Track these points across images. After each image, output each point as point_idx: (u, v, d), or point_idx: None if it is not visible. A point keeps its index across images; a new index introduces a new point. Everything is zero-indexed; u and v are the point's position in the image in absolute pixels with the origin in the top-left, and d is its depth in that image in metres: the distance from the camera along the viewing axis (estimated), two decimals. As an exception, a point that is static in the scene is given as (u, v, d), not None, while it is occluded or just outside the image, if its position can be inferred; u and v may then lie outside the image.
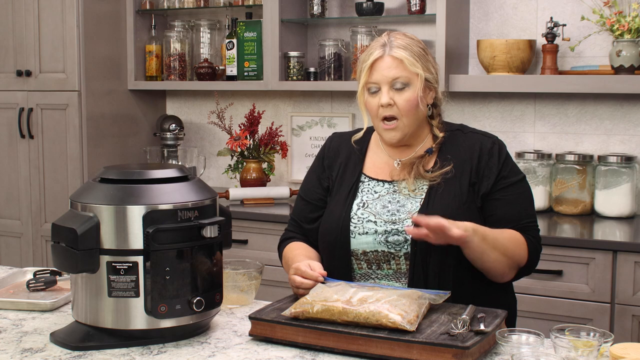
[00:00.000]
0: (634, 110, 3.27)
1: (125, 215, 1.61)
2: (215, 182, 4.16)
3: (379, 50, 1.96)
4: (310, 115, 3.92)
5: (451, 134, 2.05)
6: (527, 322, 2.72)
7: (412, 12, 3.47)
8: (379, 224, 1.96)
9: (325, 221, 2.05)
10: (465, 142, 2.02)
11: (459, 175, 1.97)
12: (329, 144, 2.18)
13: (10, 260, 4.00)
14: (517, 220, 1.97)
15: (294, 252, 2.05)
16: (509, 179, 1.99)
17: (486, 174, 1.98)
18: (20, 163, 3.95)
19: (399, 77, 1.94)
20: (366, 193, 2.03)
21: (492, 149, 2.00)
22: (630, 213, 3.16)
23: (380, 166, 2.07)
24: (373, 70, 1.96)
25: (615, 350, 1.48)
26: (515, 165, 2.03)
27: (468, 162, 1.99)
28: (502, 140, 2.06)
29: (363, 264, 1.98)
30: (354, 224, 1.99)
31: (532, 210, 2.02)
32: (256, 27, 3.74)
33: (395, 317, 1.57)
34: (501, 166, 1.99)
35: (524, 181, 2.03)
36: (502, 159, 2.00)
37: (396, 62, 1.94)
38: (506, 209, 1.97)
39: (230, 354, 1.61)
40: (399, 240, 1.94)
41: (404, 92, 1.95)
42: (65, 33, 3.76)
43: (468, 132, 2.06)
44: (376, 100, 1.97)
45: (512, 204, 1.97)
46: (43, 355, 1.61)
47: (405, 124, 1.97)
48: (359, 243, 1.97)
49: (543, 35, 3.27)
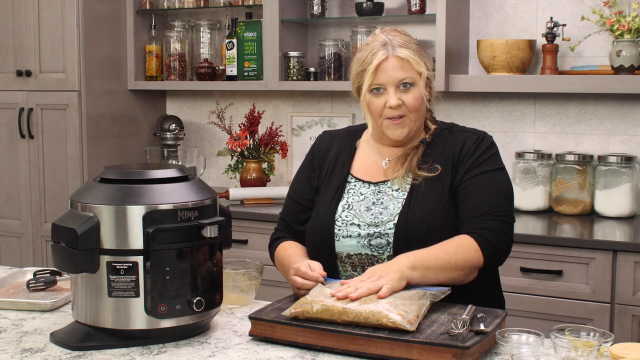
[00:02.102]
0: (634, 110, 3.27)
1: (125, 215, 1.61)
2: (215, 182, 4.16)
3: (382, 52, 1.93)
4: (310, 115, 3.92)
5: (440, 132, 2.03)
6: (527, 322, 2.72)
7: (412, 12, 3.47)
8: (362, 227, 1.95)
9: (311, 223, 2.05)
10: (450, 140, 2.00)
11: (442, 174, 1.95)
12: (319, 142, 2.15)
13: (10, 260, 4.00)
14: (481, 210, 1.89)
15: (288, 251, 2.03)
16: (481, 167, 1.94)
17: (461, 167, 1.94)
18: (20, 163, 3.95)
19: (405, 78, 1.93)
20: (352, 194, 2.02)
21: (474, 143, 1.97)
22: (630, 213, 3.16)
23: (369, 166, 2.06)
24: (379, 72, 1.93)
25: (615, 350, 1.48)
26: (495, 156, 1.97)
27: (450, 160, 1.96)
28: (490, 135, 2.02)
29: (348, 266, 1.97)
30: (338, 227, 1.98)
31: (501, 200, 1.92)
32: (256, 27, 3.74)
33: (396, 317, 1.57)
34: (478, 156, 1.95)
35: (500, 172, 1.96)
36: (481, 150, 1.96)
37: (402, 62, 1.93)
38: (471, 199, 1.91)
39: (230, 354, 1.61)
40: (382, 243, 1.93)
41: (410, 91, 1.94)
42: (65, 33, 3.76)
43: (455, 130, 2.03)
44: (381, 101, 1.95)
45: (479, 192, 1.91)
46: (43, 355, 1.61)
47: (412, 119, 1.96)
48: (343, 246, 1.97)
49: (543, 35, 3.27)
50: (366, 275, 1.75)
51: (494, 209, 1.90)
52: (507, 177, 1.98)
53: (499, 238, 1.88)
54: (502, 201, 1.93)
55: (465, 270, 1.85)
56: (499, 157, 2.00)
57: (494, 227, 1.88)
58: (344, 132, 2.17)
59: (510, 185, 1.98)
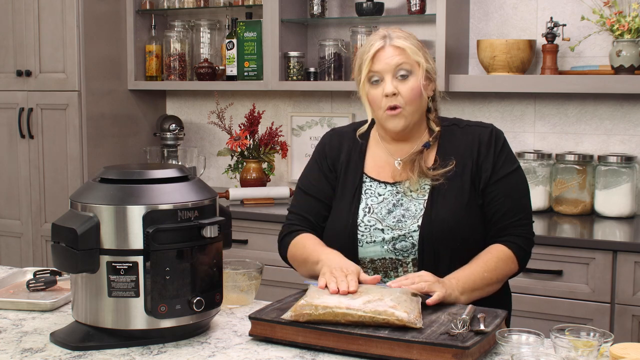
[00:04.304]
0: (634, 110, 3.27)
1: (125, 215, 1.61)
2: (215, 182, 4.16)
3: (380, 42, 1.96)
4: (310, 115, 3.92)
5: (447, 129, 2.04)
6: (527, 322, 2.72)
7: (412, 12, 3.47)
8: (386, 231, 1.95)
9: (331, 227, 2.03)
10: (464, 136, 2.01)
11: (461, 172, 1.97)
12: (328, 141, 2.13)
13: (10, 260, 4.00)
14: (512, 216, 1.96)
15: (314, 245, 1.97)
16: (503, 169, 1.98)
17: (484, 167, 1.97)
18: (20, 163, 3.95)
19: (402, 63, 1.94)
20: (370, 196, 2.02)
21: (489, 139, 2.00)
22: (630, 213, 3.16)
23: (382, 165, 2.05)
24: (375, 60, 1.95)
25: (615, 350, 1.48)
26: (510, 153, 2.02)
27: (469, 158, 1.98)
28: (499, 129, 2.05)
29: (370, 272, 1.97)
30: (361, 232, 1.97)
31: (526, 202, 2.01)
32: (256, 27, 3.74)
33: (402, 314, 1.57)
34: (497, 157, 1.99)
35: (519, 170, 2.02)
36: (498, 149, 1.99)
37: (398, 50, 1.95)
38: (501, 205, 1.96)
39: (230, 354, 1.61)
40: (407, 246, 1.94)
41: (407, 81, 1.95)
42: (65, 33, 3.76)
43: (464, 125, 2.05)
44: (379, 91, 1.96)
45: (506, 197, 1.97)
46: (43, 355, 1.61)
47: (409, 112, 1.96)
48: (366, 252, 1.96)
49: (543, 35, 3.27)
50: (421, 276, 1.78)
51: (522, 214, 1.99)
52: (523, 174, 2.05)
53: (529, 242, 2.01)
54: (526, 203, 2.02)
55: (502, 282, 1.96)
56: (512, 151, 2.05)
57: (524, 232, 1.99)
58: (351, 130, 2.14)
59: (527, 181, 2.06)
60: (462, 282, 1.83)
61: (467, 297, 1.83)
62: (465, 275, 1.86)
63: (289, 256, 2.06)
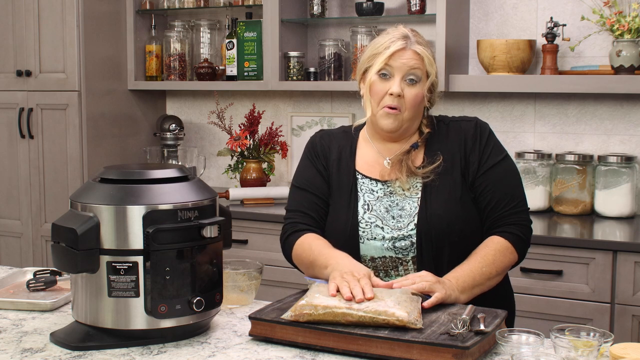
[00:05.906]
0: (634, 110, 3.27)
1: (125, 215, 1.61)
2: (215, 182, 4.16)
3: (401, 42, 1.96)
4: (310, 115, 3.92)
5: (436, 125, 2.06)
6: (527, 322, 2.72)
7: (412, 12, 3.47)
8: (385, 230, 1.96)
9: (331, 225, 2.03)
10: (450, 132, 2.03)
11: (451, 168, 1.98)
12: (319, 141, 2.12)
13: (10, 260, 4.00)
14: (505, 206, 1.96)
15: (321, 247, 1.94)
16: (490, 160, 1.99)
17: (471, 160, 1.99)
18: (20, 163, 3.95)
19: (416, 68, 1.96)
20: (365, 192, 2.03)
21: (475, 133, 2.02)
22: (630, 213, 3.16)
23: (372, 164, 2.06)
24: (393, 57, 1.96)
25: (615, 350, 1.48)
26: (496, 144, 2.03)
27: (457, 153, 2.00)
28: (484, 121, 2.07)
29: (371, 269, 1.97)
30: (362, 229, 1.98)
31: (517, 190, 2.01)
32: (256, 27, 3.74)
33: (403, 314, 1.57)
34: (483, 149, 2.00)
35: (506, 160, 2.02)
36: (484, 141, 2.01)
37: (417, 57, 1.96)
38: (492, 195, 1.97)
39: (230, 354, 1.61)
40: (406, 244, 1.95)
41: (414, 87, 1.96)
42: (65, 33, 3.76)
43: (449, 121, 2.07)
44: (385, 86, 1.96)
45: (496, 187, 1.97)
46: (43, 355, 1.61)
47: (406, 117, 1.98)
48: (367, 249, 1.97)
49: (543, 35, 3.27)
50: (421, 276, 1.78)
51: (516, 201, 1.98)
52: (513, 162, 2.05)
53: (526, 229, 1.99)
54: (518, 191, 2.01)
55: (503, 274, 1.95)
56: (499, 141, 2.05)
57: (520, 220, 1.98)
58: (340, 131, 2.16)
59: (517, 169, 2.06)
60: (462, 281, 1.83)
61: (468, 295, 1.84)
62: (464, 273, 1.86)
63: (293, 256, 2.04)
